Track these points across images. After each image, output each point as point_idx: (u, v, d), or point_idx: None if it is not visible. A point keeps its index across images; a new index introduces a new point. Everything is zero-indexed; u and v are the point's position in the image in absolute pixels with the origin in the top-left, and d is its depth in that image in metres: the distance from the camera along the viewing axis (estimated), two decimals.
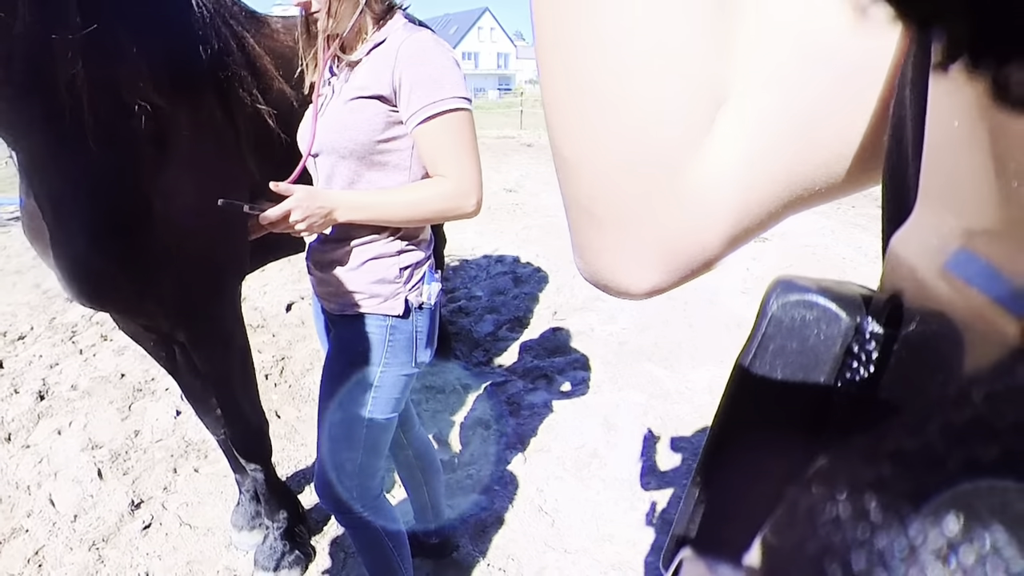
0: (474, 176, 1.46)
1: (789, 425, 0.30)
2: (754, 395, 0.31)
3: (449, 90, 1.39)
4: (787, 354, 0.30)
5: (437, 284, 1.64)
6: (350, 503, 1.70)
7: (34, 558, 2.36)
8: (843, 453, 0.21)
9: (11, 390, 3.53)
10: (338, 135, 1.46)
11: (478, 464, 2.88)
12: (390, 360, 1.61)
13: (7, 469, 2.86)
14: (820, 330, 0.29)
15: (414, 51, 1.40)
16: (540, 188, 9.20)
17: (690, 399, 3.40)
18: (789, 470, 0.28)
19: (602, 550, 2.38)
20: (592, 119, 0.34)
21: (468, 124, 1.44)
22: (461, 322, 4.46)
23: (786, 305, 0.30)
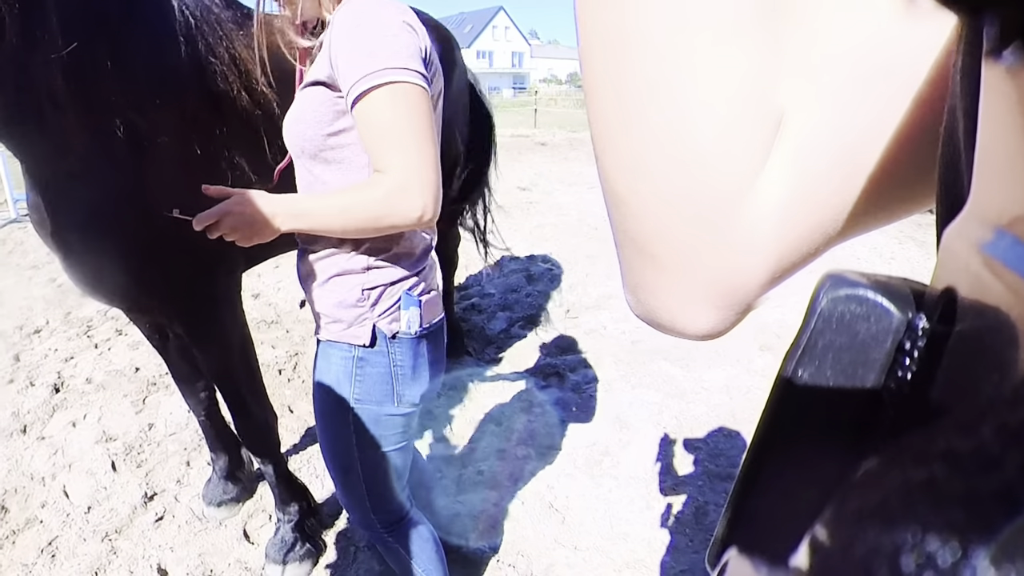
0: (416, 169, 1.15)
1: (838, 424, 0.30)
2: (802, 393, 0.30)
3: (383, 60, 1.12)
4: (836, 351, 0.29)
5: (418, 310, 1.35)
6: (368, 526, 1.58)
7: (48, 548, 2.38)
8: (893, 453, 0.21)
9: (27, 383, 3.56)
10: (290, 129, 1.29)
11: (489, 460, 2.87)
12: (361, 396, 1.37)
13: (22, 460, 2.88)
14: (871, 326, 0.28)
15: (345, 21, 1.16)
16: (554, 187, 9.18)
17: (706, 399, 3.37)
18: (837, 470, 0.28)
19: (615, 548, 2.36)
20: (651, 156, 0.32)
21: (411, 101, 1.14)
22: (474, 319, 4.45)
23: (836, 300, 0.29)
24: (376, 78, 1.11)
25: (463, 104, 3.37)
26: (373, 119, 1.14)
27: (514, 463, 2.85)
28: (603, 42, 0.32)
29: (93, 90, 1.50)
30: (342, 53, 1.14)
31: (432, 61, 1.24)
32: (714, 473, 2.77)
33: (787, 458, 0.32)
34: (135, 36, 1.59)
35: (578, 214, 7.42)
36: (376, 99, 1.12)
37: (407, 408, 1.42)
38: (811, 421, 0.30)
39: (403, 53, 1.14)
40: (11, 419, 3.18)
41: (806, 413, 0.30)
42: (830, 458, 0.30)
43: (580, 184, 9.41)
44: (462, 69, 3.26)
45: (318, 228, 1.24)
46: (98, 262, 1.67)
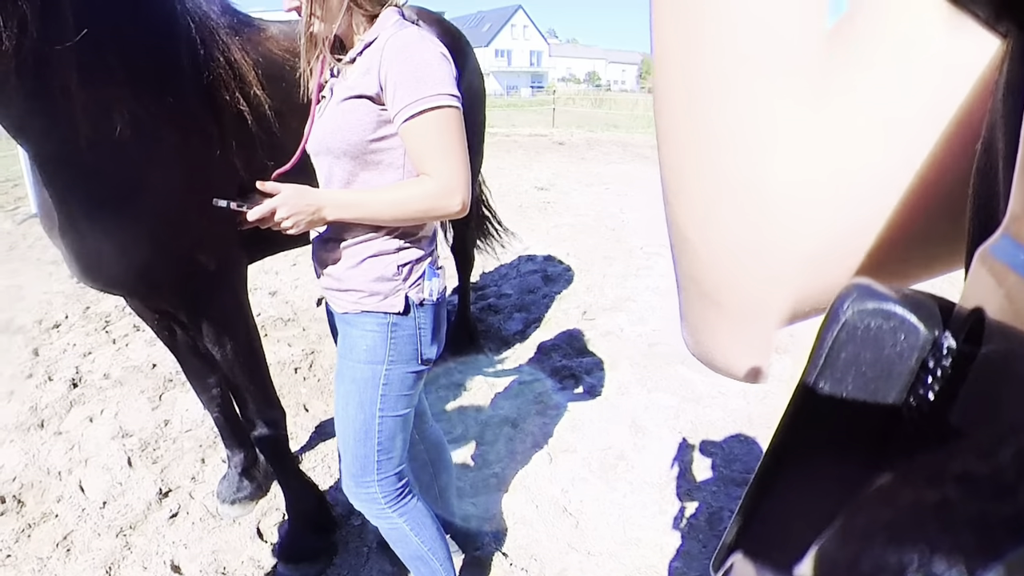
0: (459, 174, 1.44)
1: (854, 437, 0.29)
2: (821, 404, 0.29)
3: (432, 87, 1.37)
4: (859, 364, 0.28)
5: (439, 280, 1.63)
6: (372, 499, 1.71)
7: (63, 543, 2.39)
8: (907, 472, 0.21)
9: (45, 377, 3.60)
10: (332, 136, 1.47)
11: (503, 463, 2.85)
12: (394, 358, 1.60)
13: (39, 455, 2.91)
14: (896, 341, 0.27)
15: (398, 48, 1.38)
16: (571, 187, 9.16)
17: (723, 404, 3.34)
18: (850, 483, 0.27)
19: (628, 553, 2.34)
20: (724, 207, 0.33)
21: (452, 122, 1.42)
22: (490, 320, 4.44)
23: (862, 312, 0.28)
24: (426, 103, 1.37)
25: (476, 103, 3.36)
26: (423, 135, 1.40)
27: (528, 466, 2.84)
28: (685, 86, 0.32)
29: (102, 87, 1.56)
30: (392, 76, 1.37)
31: (459, 85, 1.45)
32: (729, 478, 2.74)
33: (801, 468, 0.31)
34: (141, 38, 1.66)
35: (595, 215, 7.40)
36: (426, 120, 1.38)
37: (425, 366, 1.67)
38: (828, 433, 0.30)
39: (445, 81, 1.39)
40: (29, 413, 3.21)
41: (823, 424, 0.30)
42: (844, 471, 0.29)
43: (598, 184, 9.38)
44: (472, 68, 3.25)
45: (363, 217, 1.48)
46: (104, 252, 1.71)
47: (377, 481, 1.69)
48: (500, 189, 8.17)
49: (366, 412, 1.63)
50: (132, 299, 2.15)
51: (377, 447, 1.66)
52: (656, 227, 6.81)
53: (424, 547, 1.81)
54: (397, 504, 1.73)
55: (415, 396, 1.69)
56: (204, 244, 1.84)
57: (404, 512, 1.75)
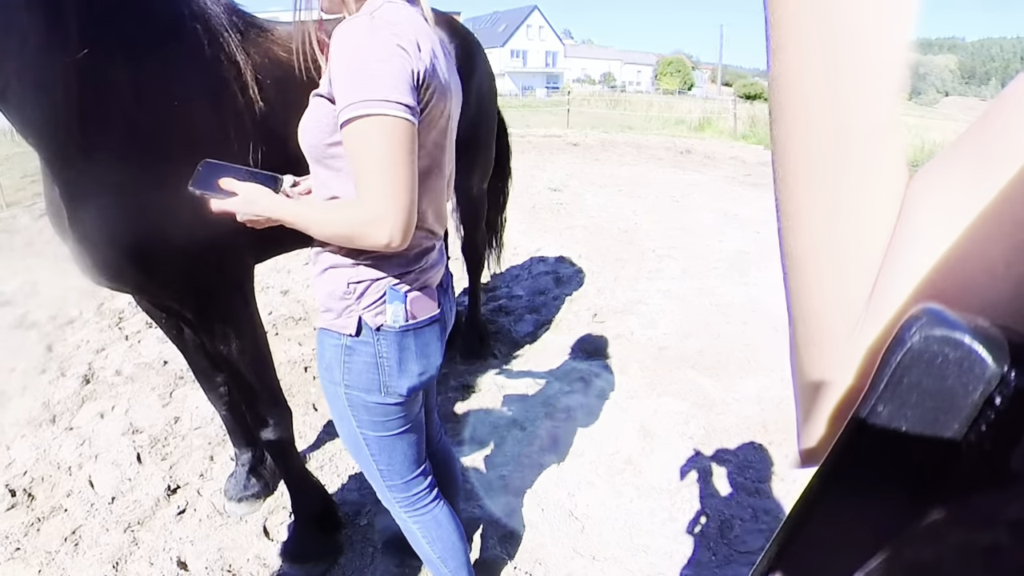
0: (389, 202, 1.20)
1: (909, 468, 0.28)
2: (878, 428, 0.29)
3: (370, 90, 1.15)
4: (921, 392, 0.27)
5: (403, 306, 1.42)
6: (387, 501, 1.69)
7: (71, 537, 2.41)
8: (960, 511, 0.20)
9: (58, 373, 3.63)
10: (301, 136, 1.36)
11: (510, 465, 2.84)
12: (351, 383, 1.46)
13: (50, 450, 2.93)
14: (962, 373, 0.26)
15: (339, 40, 1.20)
16: (585, 188, 9.14)
17: (737, 410, 3.31)
18: (899, 516, 0.27)
19: (635, 560, 2.32)
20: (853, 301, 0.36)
21: (392, 136, 1.18)
22: (501, 321, 4.43)
23: (929, 339, 0.27)
24: (355, 109, 1.16)
25: (487, 106, 3.35)
26: (351, 148, 1.21)
27: (535, 469, 2.82)
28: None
29: (107, 90, 1.57)
30: (334, 75, 1.20)
31: (429, 83, 1.26)
32: (742, 487, 2.71)
33: (850, 492, 0.31)
34: (148, 42, 1.67)
35: (608, 217, 7.37)
36: (355, 130, 1.18)
37: (395, 399, 1.49)
38: (882, 460, 0.29)
39: (386, 83, 1.16)
40: (41, 409, 3.24)
41: (879, 450, 0.29)
42: (894, 502, 0.28)
43: (611, 186, 9.35)
44: (482, 74, 3.24)
45: (305, 231, 1.33)
46: (110, 250, 1.73)
47: (387, 488, 1.64)
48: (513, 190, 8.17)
49: (348, 427, 1.55)
50: (140, 297, 2.16)
51: (373, 459, 1.58)
52: (668, 230, 6.78)
53: (434, 554, 1.76)
54: (411, 510, 1.69)
55: (399, 423, 1.55)
56: (210, 243, 1.84)
57: (418, 520, 1.70)
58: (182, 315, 2.12)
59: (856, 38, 0.34)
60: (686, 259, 5.80)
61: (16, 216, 7.23)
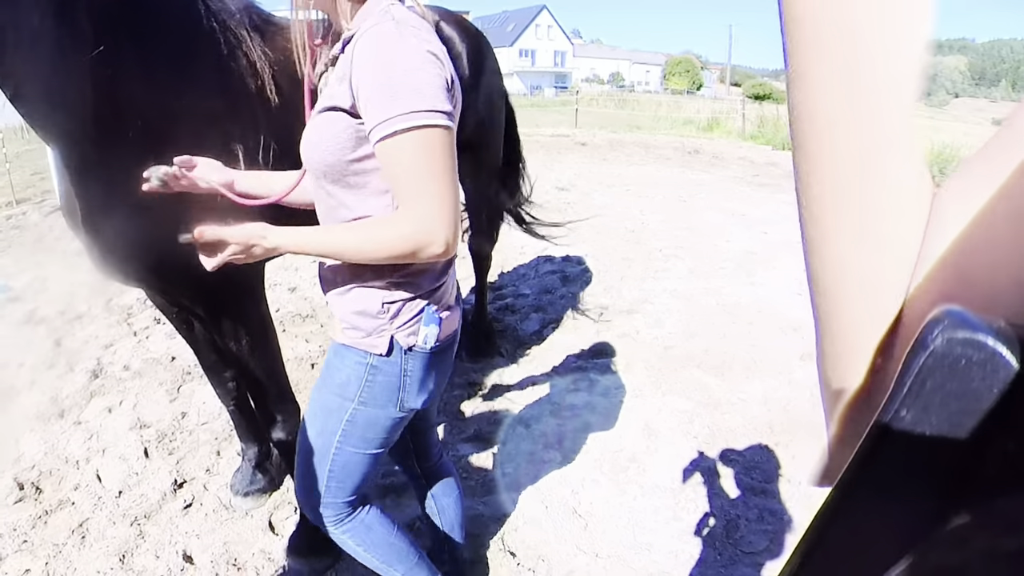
0: (441, 212, 1.18)
1: (934, 472, 0.28)
2: (902, 433, 0.28)
3: (409, 102, 1.12)
4: (945, 395, 0.27)
5: (437, 327, 1.39)
6: (316, 518, 1.62)
7: (78, 530, 2.42)
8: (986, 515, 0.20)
9: (67, 368, 3.65)
10: (310, 153, 1.29)
11: (514, 462, 2.85)
12: (366, 400, 1.42)
13: (58, 444, 2.95)
14: (986, 375, 0.26)
15: (368, 50, 1.15)
16: (592, 187, 9.13)
17: (743, 410, 3.30)
18: (923, 520, 0.27)
19: (638, 558, 2.32)
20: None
21: (435, 145, 1.16)
22: (507, 320, 4.44)
23: (952, 341, 0.27)
24: (399, 123, 1.12)
25: (496, 106, 3.35)
26: (397, 163, 1.16)
27: (539, 466, 2.83)
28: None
29: (121, 88, 1.58)
30: (363, 87, 1.14)
31: (454, 87, 1.24)
32: (748, 487, 2.71)
33: (874, 498, 0.31)
34: (163, 41, 1.67)
35: (615, 216, 7.36)
36: (400, 144, 1.14)
37: (405, 412, 1.47)
38: (906, 464, 0.29)
39: (427, 92, 1.13)
40: (50, 403, 3.27)
41: (902, 455, 0.29)
42: (918, 507, 0.28)
43: (619, 186, 9.34)
44: (492, 74, 3.24)
45: (329, 256, 1.29)
46: (123, 246, 1.74)
47: (323, 504, 1.57)
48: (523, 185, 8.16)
49: (325, 440, 1.49)
50: (151, 293, 2.18)
51: (328, 473, 1.52)
52: (675, 230, 6.77)
53: (378, 560, 1.69)
54: (339, 523, 1.61)
55: (389, 439, 1.52)
56: None
57: (347, 529, 1.63)
58: (193, 311, 2.14)
59: (876, 54, 0.34)
60: (693, 259, 5.79)
61: (26, 212, 7.28)
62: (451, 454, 2.91)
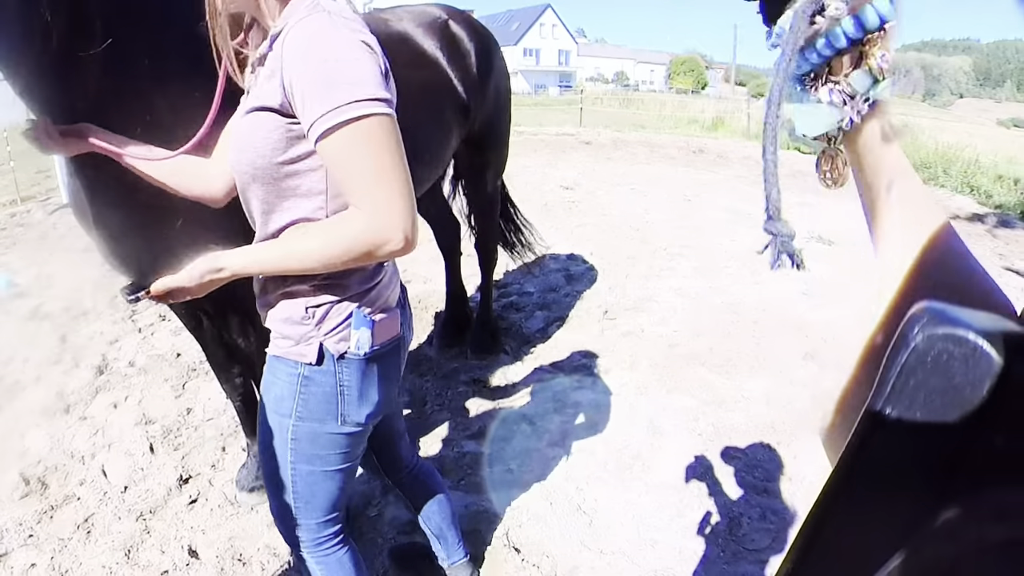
0: (393, 205, 1.11)
1: (922, 467, 0.28)
2: (887, 431, 0.28)
3: (347, 91, 1.05)
4: (928, 391, 0.27)
5: (368, 331, 1.30)
6: (291, 540, 1.56)
7: (84, 524, 2.43)
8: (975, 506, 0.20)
9: (72, 364, 3.66)
10: (238, 156, 1.22)
11: (519, 459, 2.85)
12: (303, 414, 1.34)
13: (64, 439, 2.96)
14: (968, 370, 0.26)
15: (300, 44, 1.08)
16: (597, 186, 9.11)
17: (745, 408, 3.30)
18: (914, 515, 0.27)
19: (642, 554, 2.33)
20: None
21: (380, 134, 1.09)
22: (512, 317, 4.44)
23: (932, 337, 0.27)
24: (339, 115, 1.05)
25: (503, 105, 3.35)
26: (341, 158, 1.09)
27: (544, 463, 2.83)
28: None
29: (130, 85, 1.59)
30: (297, 82, 1.08)
31: (388, 78, 1.17)
32: (750, 485, 2.71)
33: (865, 496, 0.31)
34: (172, 37, 1.67)
35: (620, 215, 7.35)
36: (342, 138, 1.07)
37: (351, 428, 1.38)
38: (895, 461, 0.29)
39: (367, 81, 1.07)
40: (55, 399, 3.27)
41: (891, 452, 0.29)
42: (909, 502, 0.28)
43: (623, 184, 9.33)
44: (499, 72, 3.23)
45: (284, 271, 1.22)
46: (133, 242, 1.76)
47: (297, 526, 1.50)
48: (526, 188, 8.16)
49: (278, 461, 1.42)
50: None
51: (293, 495, 1.45)
52: (680, 228, 6.77)
53: None
54: (316, 550, 1.55)
55: (343, 457, 1.43)
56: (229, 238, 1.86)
57: (321, 561, 1.56)
58: (202, 306, 2.14)
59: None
60: (698, 258, 5.78)
61: (31, 210, 7.29)
62: (455, 451, 2.91)
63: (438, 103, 2.66)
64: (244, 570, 2.27)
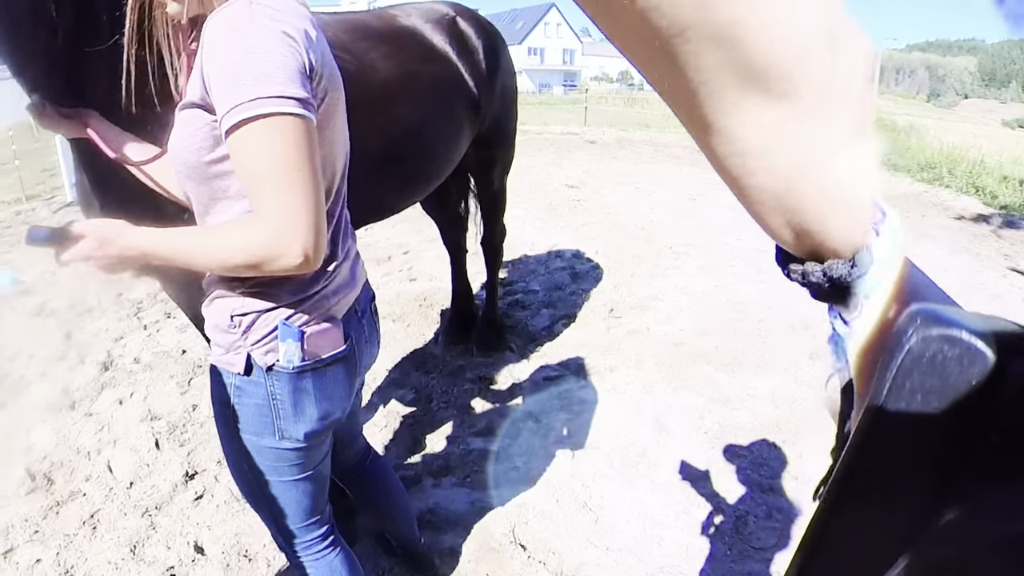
0: (295, 215, 1.01)
1: (923, 468, 0.28)
2: (887, 433, 0.28)
3: (251, 89, 0.96)
4: (925, 393, 0.27)
5: (297, 344, 1.21)
6: (280, 545, 1.55)
7: (89, 520, 2.43)
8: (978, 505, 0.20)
9: (77, 360, 3.66)
10: (173, 155, 1.15)
11: (525, 457, 2.84)
12: (243, 426, 1.28)
13: (70, 435, 2.96)
14: (963, 369, 0.26)
15: (213, 35, 1.00)
16: (601, 184, 9.10)
17: (751, 407, 3.29)
18: (918, 516, 0.27)
19: (648, 552, 2.32)
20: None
21: (289, 137, 0.99)
22: (517, 315, 4.43)
23: (927, 339, 0.27)
24: (243, 111, 0.96)
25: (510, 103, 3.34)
26: (243, 158, 1.01)
27: (550, 460, 2.82)
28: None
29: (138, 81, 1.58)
30: (210, 76, 1.00)
31: (320, 72, 1.08)
32: (756, 483, 2.70)
33: (867, 499, 0.30)
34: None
35: (625, 213, 7.34)
36: (245, 136, 0.98)
37: (292, 444, 1.31)
38: (895, 463, 0.29)
39: (276, 77, 0.98)
40: (61, 395, 3.27)
41: (891, 455, 0.29)
42: (911, 504, 0.28)
43: (628, 183, 9.31)
44: (506, 70, 3.22)
45: (188, 266, 1.11)
46: None
47: (279, 532, 1.48)
48: (530, 186, 8.15)
49: (238, 468, 1.38)
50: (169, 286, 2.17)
51: (265, 503, 1.41)
52: (685, 227, 6.75)
53: None
54: (306, 554, 1.52)
55: (296, 469, 1.37)
56: None
57: (312, 565, 1.53)
58: None
59: None
60: (703, 256, 5.77)
61: (35, 208, 7.30)
62: (461, 448, 2.91)
63: (449, 98, 2.65)
64: (250, 566, 2.27)
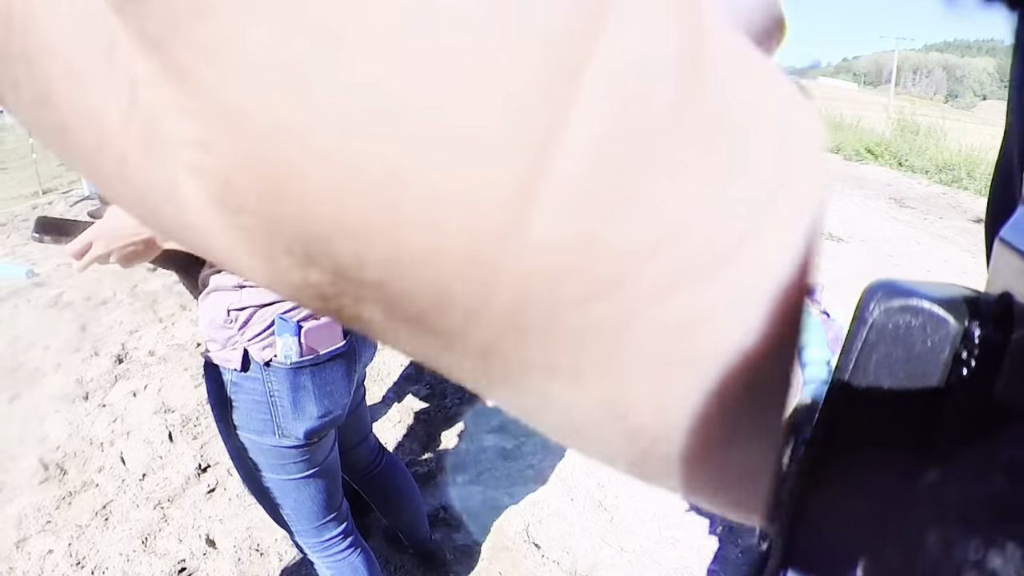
0: None
1: (895, 440, 0.28)
2: (858, 410, 0.28)
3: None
4: (892, 364, 0.27)
5: (295, 340, 1.20)
6: (297, 545, 1.55)
7: (102, 511, 2.43)
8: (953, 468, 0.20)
9: (92, 352, 3.67)
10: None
11: (540, 455, 2.82)
12: (239, 424, 1.28)
13: (83, 426, 2.96)
14: (927, 337, 0.26)
15: None
16: None
17: None
18: (896, 487, 0.26)
19: (663, 552, 2.29)
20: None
21: None
22: None
23: (889, 311, 0.27)
24: None
25: None
26: None
27: (565, 459, 2.80)
28: None
29: None
30: None
31: None
32: None
33: (842, 476, 0.29)
34: None
35: None
36: None
37: (292, 442, 1.30)
38: (867, 438, 0.28)
39: None
40: (75, 386, 3.28)
41: (862, 430, 0.28)
42: (889, 475, 0.28)
43: None
44: None
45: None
46: None
47: (295, 532, 1.48)
48: None
49: (244, 468, 1.37)
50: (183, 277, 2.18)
51: (276, 503, 1.40)
52: None
53: None
54: (324, 554, 1.52)
55: (300, 467, 1.35)
56: None
57: (332, 566, 1.53)
58: None
59: None
60: None
61: (53, 202, 7.35)
62: (476, 445, 2.89)
63: None
64: (262, 560, 2.25)
